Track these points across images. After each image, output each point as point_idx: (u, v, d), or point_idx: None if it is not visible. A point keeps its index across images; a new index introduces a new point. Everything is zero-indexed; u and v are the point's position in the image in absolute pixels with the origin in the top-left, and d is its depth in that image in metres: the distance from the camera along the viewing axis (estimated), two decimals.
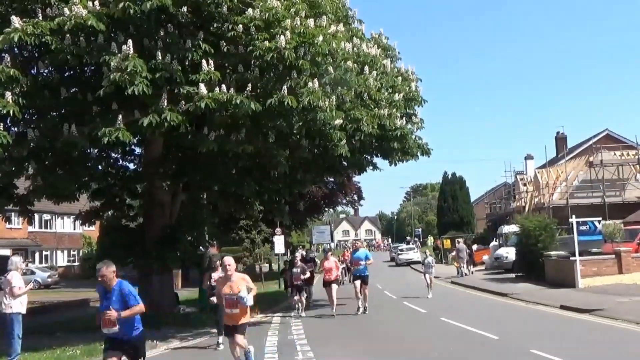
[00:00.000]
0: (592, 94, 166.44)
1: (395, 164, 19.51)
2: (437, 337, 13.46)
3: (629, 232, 26.25)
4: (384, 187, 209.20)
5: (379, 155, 19.97)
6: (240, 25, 13.67)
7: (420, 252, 51.62)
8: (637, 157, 37.40)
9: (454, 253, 35.71)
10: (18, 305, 11.29)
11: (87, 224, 24.87)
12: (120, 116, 13.03)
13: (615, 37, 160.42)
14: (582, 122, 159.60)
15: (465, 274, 32.15)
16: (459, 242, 34.42)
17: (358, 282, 18.54)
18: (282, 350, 12.41)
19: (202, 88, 13.03)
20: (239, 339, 9.38)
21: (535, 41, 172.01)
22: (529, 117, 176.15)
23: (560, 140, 50.82)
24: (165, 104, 13.15)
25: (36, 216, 32.61)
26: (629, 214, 32.88)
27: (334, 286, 19.11)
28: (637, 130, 77.44)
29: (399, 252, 54.92)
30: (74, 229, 51.22)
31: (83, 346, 12.99)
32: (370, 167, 21.33)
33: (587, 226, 22.48)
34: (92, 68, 15.36)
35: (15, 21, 12.27)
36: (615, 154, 38.55)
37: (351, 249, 20.07)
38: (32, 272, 39.14)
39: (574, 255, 21.39)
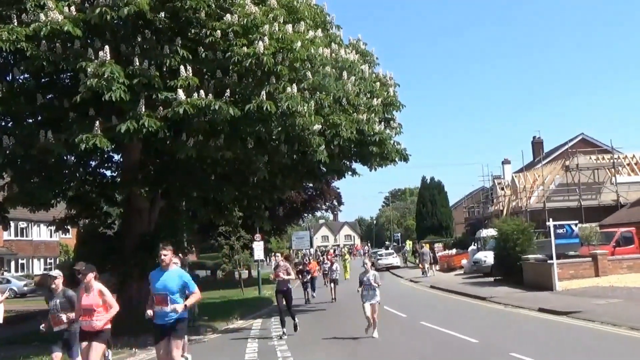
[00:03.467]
0: (568, 98, 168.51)
1: (375, 169, 19.55)
2: (417, 342, 13.49)
3: (605, 235, 26.56)
4: (363, 192, 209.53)
5: (357, 160, 20.01)
6: (219, 31, 13.68)
7: (392, 258, 51.82)
8: (612, 160, 37.98)
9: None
10: None
11: (63, 232, 24.54)
12: (97, 122, 12.92)
13: (591, 42, 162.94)
14: (558, 127, 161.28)
15: (428, 275, 36.52)
16: (422, 247, 41.98)
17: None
18: (262, 357, 12.36)
19: (181, 94, 12.97)
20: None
21: (511, 47, 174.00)
22: (506, 122, 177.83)
23: (537, 144, 51.42)
24: (143, 110, 13.06)
25: (12, 224, 32.05)
26: (605, 217, 33.30)
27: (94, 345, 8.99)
28: (612, 135, 79.24)
29: (379, 257, 55.04)
30: (51, 237, 50.57)
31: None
32: (349, 173, 21.39)
33: (564, 229, 22.64)
34: (69, 74, 15.24)
35: None
36: (590, 158, 39.20)
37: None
38: (8, 281, 38.64)
39: (551, 258, 21.55)
